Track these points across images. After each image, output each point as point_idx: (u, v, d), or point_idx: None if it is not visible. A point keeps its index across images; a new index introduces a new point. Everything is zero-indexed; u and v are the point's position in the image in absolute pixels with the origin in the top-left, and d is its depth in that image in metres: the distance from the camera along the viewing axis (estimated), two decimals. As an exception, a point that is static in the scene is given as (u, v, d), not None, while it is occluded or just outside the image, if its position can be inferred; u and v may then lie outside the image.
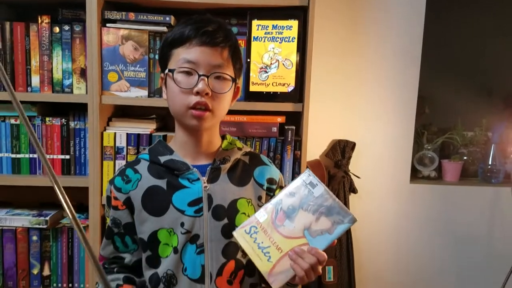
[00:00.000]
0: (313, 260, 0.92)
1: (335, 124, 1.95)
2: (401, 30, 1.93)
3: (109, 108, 1.65)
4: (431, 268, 2.06)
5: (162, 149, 1.07)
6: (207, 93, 0.96)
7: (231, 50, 1.01)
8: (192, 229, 1.00)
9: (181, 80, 0.97)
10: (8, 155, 1.61)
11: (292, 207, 0.97)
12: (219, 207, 1.02)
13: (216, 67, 0.98)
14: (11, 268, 1.62)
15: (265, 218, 0.97)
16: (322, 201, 0.96)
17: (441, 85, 2.17)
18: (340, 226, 0.95)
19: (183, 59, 0.97)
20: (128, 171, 1.06)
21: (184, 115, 0.99)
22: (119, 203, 1.04)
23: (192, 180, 1.03)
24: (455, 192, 2.03)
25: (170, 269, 1.01)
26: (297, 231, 0.96)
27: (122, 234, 1.06)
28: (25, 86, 1.58)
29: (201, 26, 0.97)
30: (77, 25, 1.56)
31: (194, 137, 1.04)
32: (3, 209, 1.67)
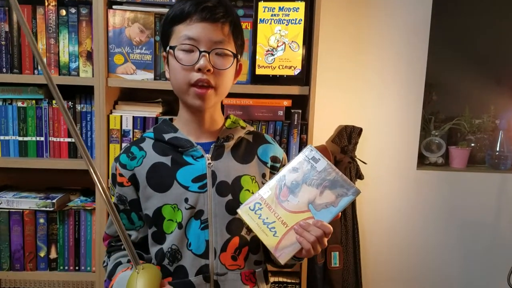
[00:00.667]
0: (319, 233, 0.92)
1: (342, 109, 1.94)
2: (409, 15, 1.91)
3: (116, 91, 1.65)
4: (437, 254, 2.05)
5: (166, 127, 1.07)
6: (209, 70, 0.96)
7: (232, 25, 1.00)
8: (196, 204, 1.01)
9: (182, 57, 0.97)
10: (15, 137, 1.62)
11: (295, 182, 0.97)
12: (223, 183, 1.03)
13: (217, 43, 0.97)
14: (18, 250, 1.63)
15: (269, 194, 0.98)
16: (325, 175, 0.97)
17: (449, 72, 2.15)
18: (344, 199, 0.95)
19: (184, 36, 0.97)
20: (133, 149, 1.07)
21: (186, 93, 0.99)
22: (125, 179, 1.05)
23: (196, 157, 1.03)
24: (463, 179, 2.02)
25: (174, 244, 1.01)
26: (301, 205, 0.96)
27: (128, 210, 1.07)
28: (32, 69, 1.58)
29: (201, 1, 0.96)
30: (84, 8, 1.56)
31: (197, 115, 1.05)
32: (10, 192, 1.68)
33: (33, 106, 1.61)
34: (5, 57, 1.57)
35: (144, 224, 1.08)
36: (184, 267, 1.01)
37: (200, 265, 1.00)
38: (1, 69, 1.58)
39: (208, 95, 0.98)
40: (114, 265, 1.05)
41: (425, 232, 2.03)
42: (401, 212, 2.02)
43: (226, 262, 1.02)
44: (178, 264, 1.01)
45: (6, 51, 1.57)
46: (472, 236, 2.04)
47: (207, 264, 1.00)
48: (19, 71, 1.58)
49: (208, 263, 1.00)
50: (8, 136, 1.62)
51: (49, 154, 1.63)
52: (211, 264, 1.00)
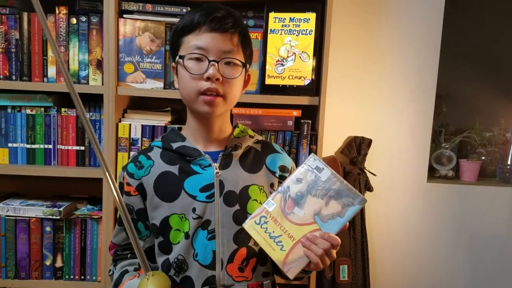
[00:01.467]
0: (326, 245, 0.91)
1: (351, 120, 1.93)
2: (420, 26, 1.90)
3: (125, 100, 1.64)
4: (447, 268, 2.02)
5: (174, 136, 1.07)
6: (218, 79, 0.96)
7: (241, 36, 1.01)
8: (204, 214, 1.00)
9: (191, 66, 0.97)
10: (23, 145, 1.61)
11: (300, 194, 0.96)
12: (230, 193, 1.02)
13: (226, 53, 0.97)
14: (24, 258, 1.62)
15: (274, 207, 0.96)
16: (330, 185, 0.95)
17: (459, 84, 2.13)
18: (351, 209, 0.94)
19: (194, 46, 0.97)
20: (140, 158, 1.06)
21: (195, 101, 0.99)
22: (132, 189, 1.04)
23: (203, 166, 1.03)
24: (473, 192, 1.99)
25: (181, 255, 1.00)
26: (307, 217, 0.95)
27: (135, 220, 1.06)
28: (41, 76, 1.58)
29: (210, 12, 0.97)
30: (94, 16, 1.56)
31: (206, 124, 1.04)
32: (17, 200, 1.68)
33: (41, 113, 1.60)
34: (15, 64, 1.57)
35: (150, 233, 1.07)
36: (190, 278, 1.00)
37: (206, 276, 0.99)
38: (10, 77, 1.58)
39: (216, 102, 0.98)
40: (120, 274, 1.05)
41: (435, 245, 2.00)
42: (411, 225, 1.99)
43: (233, 274, 1.00)
44: (184, 275, 1.00)
45: (16, 58, 1.57)
46: (482, 250, 2.01)
47: (214, 275, 0.99)
48: (28, 79, 1.58)
49: (214, 274, 0.99)
50: (16, 144, 1.62)
51: (57, 162, 1.62)
52: (217, 275, 0.99)
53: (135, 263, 1.06)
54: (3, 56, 1.57)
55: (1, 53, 1.57)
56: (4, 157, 1.62)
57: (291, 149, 1.58)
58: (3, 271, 1.62)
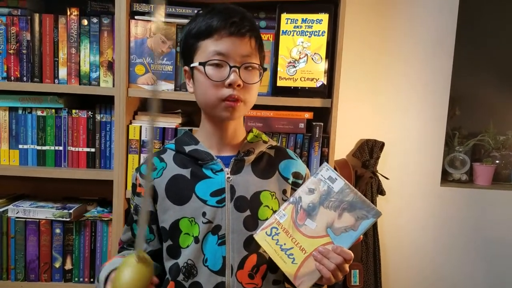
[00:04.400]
0: (339, 260, 0.89)
1: (363, 123, 1.91)
2: (434, 28, 1.88)
3: (135, 102, 1.63)
4: (460, 273, 1.99)
5: (188, 139, 1.07)
6: (239, 85, 0.95)
7: (258, 39, 1.01)
8: (214, 219, 0.99)
9: (212, 73, 0.95)
10: (33, 146, 1.61)
11: (312, 205, 0.93)
12: (241, 198, 1.00)
13: (245, 57, 0.96)
14: (34, 260, 1.61)
15: (286, 218, 0.94)
16: (343, 196, 0.92)
17: (473, 87, 2.11)
18: (365, 222, 0.91)
19: (213, 51, 0.95)
20: (154, 159, 1.05)
21: (216, 107, 0.98)
22: (143, 190, 1.03)
23: (215, 171, 1.02)
24: (487, 196, 1.96)
25: (190, 259, 0.99)
26: (319, 229, 0.92)
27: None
28: (52, 78, 1.58)
29: (228, 16, 0.96)
30: (105, 18, 1.55)
31: (220, 128, 1.04)
32: (27, 201, 1.67)
33: (52, 115, 1.60)
34: (26, 66, 1.57)
35: (154, 238, 1.06)
36: (199, 283, 0.98)
37: (216, 282, 0.98)
38: (21, 78, 1.58)
39: (238, 107, 0.97)
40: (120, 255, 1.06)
41: (449, 250, 1.97)
42: (423, 229, 1.96)
43: (243, 280, 0.99)
44: (193, 280, 0.99)
45: (27, 59, 1.57)
46: (497, 255, 1.97)
47: (224, 282, 0.98)
48: (39, 80, 1.58)
49: (224, 280, 0.98)
50: (27, 145, 1.61)
51: (67, 164, 1.61)
52: (227, 281, 0.98)
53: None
54: (14, 57, 1.57)
55: (13, 54, 1.57)
56: (14, 158, 1.62)
57: (303, 152, 1.56)
58: (13, 273, 1.61)
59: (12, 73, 1.57)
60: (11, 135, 1.61)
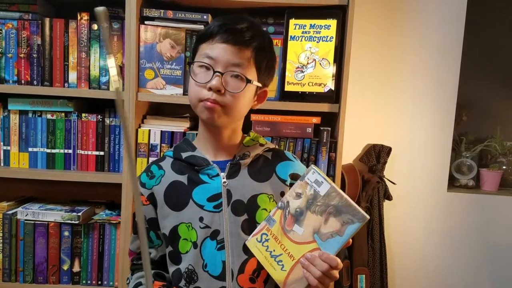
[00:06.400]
0: (325, 267, 0.87)
1: (370, 128, 1.91)
2: (441, 34, 1.88)
3: (144, 106, 1.65)
4: (467, 279, 1.98)
5: (185, 146, 1.08)
6: (219, 90, 0.95)
7: (255, 51, 0.98)
8: (212, 224, 0.99)
9: (198, 73, 0.98)
10: (43, 149, 1.62)
11: (299, 210, 0.91)
12: (238, 202, 1.01)
13: (234, 66, 0.96)
14: (42, 263, 1.62)
15: (275, 224, 0.93)
16: (329, 200, 0.89)
17: (479, 93, 2.11)
18: (351, 227, 0.87)
19: (204, 54, 0.97)
20: (152, 167, 1.08)
21: (196, 107, 0.99)
22: (144, 198, 1.05)
23: (211, 176, 1.02)
24: (494, 202, 1.95)
25: (191, 265, 0.99)
26: (306, 235, 0.90)
27: (147, 229, 1.06)
28: (62, 82, 1.59)
29: (228, 23, 0.97)
30: (116, 23, 1.57)
31: (214, 132, 1.04)
32: (36, 204, 1.69)
33: (62, 118, 1.61)
34: (36, 70, 1.59)
35: (162, 243, 1.07)
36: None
37: (217, 287, 0.98)
38: (32, 81, 1.59)
39: (215, 109, 0.96)
40: (134, 285, 1.06)
41: (456, 255, 1.97)
42: (430, 234, 1.96)
43: (244, 285, 0.99)
44: (194, 286, 0.99)
45: (38, 63, 1.59)
46: (504, 260, 1.97)
47: (224, 287, 0.98)
48: (49, 84, 1.59)
49: (225, 285, 0.98)
50: (37, 148, 1.63)
51: (76, 167, 1.63)
52: (228, 286, 0.98)
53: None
54: (25, 61, 1.59)
55: (23, 58, 1.58)
56: (24, 161, 1.63)
57: (310, 157, 1.57)
58: (21, 275, 1.62)
59: (22, 77, 1.59)
60: (21, 138, 1.62)
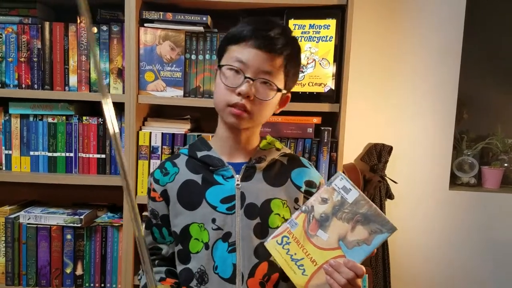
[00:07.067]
0: (350, 275, 0.86)
1: (371, 127, 1.91)
2: (441, 33, 1.89)
3: (145, 108, 1.65)
4: (469, 277, 1.98)
5: (201, 145, 1.07)
6: (249, 96, 0.94)
7: (286, 59, 0.98)
8: (224, 226, 0.99)
9: (228, 76, 0.96)
10: (44, 153, 1.62)
11: (325, 215, 0.90)
12: (251, 205, 1.00)
13: (265, 73, 0.95)
14: (45, 266, 1.62)
15: (297, 227, 0.92)
16: (358, 208, 0.88)
17: (480, 90, 2.11)
18: (379, 236, 0.86)
19: (235, 57, 0.96)
20: (167, 164, 1.08)
21: (223, 111, 0.99)
22: (157, 194, 1.05)
23: (226, 177, 1.02)
24: (496, 200, 1.96)
25: (202, 265, 0.99)
26: (331, 241, 0.89)
27: (160, 225, 1.07)
28: (63, 85, 1.59)
29: (262, 28, 0.95)
30: (115, 26, 1.57)
31: (233, 133, 1.04)
32: (38, 207, 1.69)
33: (63, 122, 1.62)
34: (37, 73, 1.59)
35: (174, 240, 1.07)
36: None
37: None
38: (32, 85, 1.59)
39: (242, 117, 0.96)
40: (145, 283, 1.05)
41: (458, 253, 1.97)
42: (432, 233, 1.96)
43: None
44: (205, 287, 0.99)
45: (38, 67, 1.59)
46: (507, 258, 1.97)
47: None
48: (50, 88, 1.59)
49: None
50: (38, 152, 1.63)
51: (78, 170, 1.63)
52: None
53: (161, 272, 1.07)
54: (25, 65, 1.59)
55: (24, 62, 1.59)
56: (26, 165, 1.63)
57: (311, 157, 1.57)
58: (24, 279, 1.62)
59: (23, 81, 1.59)
60: (22, 142, 1.62)
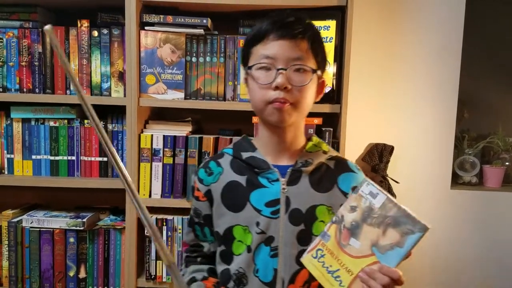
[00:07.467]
0: (385, 280, 0.83)
1: (372, 127, 1.91)
2: (441, 31, 1.88)
3: (146, 111, 1.65)
4: (472, 275, 1.98)
5: (245, 145, 1.05)
6: (286, 87, 0.92)
7: (310, 41, 0.96)
8: (267, 230, 0.97)
9: (259, 76, 0.95)
10: (47, 157, 1.63)
11: (355, 223, 0.88)
12: (296, 211, 0.98)
13: (295, 60, 0.94)
14: (48, 270, 1.63)
15: (330, 239, 0.90)
16: (386, 211, 0.85)
17: (480, 90, 2.11)
18: (411, 237, 0.83)
19: (262, 55, 0.94)
20: (211, 164, 1.06)
21: (264, 111, 0.96)
22: (201, 194, 1.05)
23: (271, 180, 1.00)
24: (497, 198, 1.95)
25: (242, 267, 0.98)
26: (364, 248, 0.87)
27: (202, 224, 1.06)
28: (64, 89, 1.60)
29: (278, 19, 0.95)
30: (116, 29, 1.57)
31: (277, 134, 1.01)
32: (41, 211, 1.69)
33: (65, 125, 1.62)
34: (38, 78, 1.60)
35: (215, 239, 1.06)
36: None
37: None
38: (34, 89, 1.60)
39: (285, 109, 0.94)
40: (189, 280, 1.05)
41: (460, 252, 1.97)
42: (434, 232, 1.95)
43: None
44: None
45: (39, 71, 1.59)
46: (508, 256, 1.97)
47: None
48: (51, 91, 1.60)
49: None
50: (40, 155, 1.63)
51: (80, 173, 1.63)
52: None
53: (203, 270, 1.06)
54: (26, 70, 1.59)
55: (25, 66, 1.59)
56: (28, 169, 1.64)
57: (313, 158, 1.57)
58: (28, 282, 1.63)
59: (24, 85, 1.60)
60: (24, 146, 1.63)
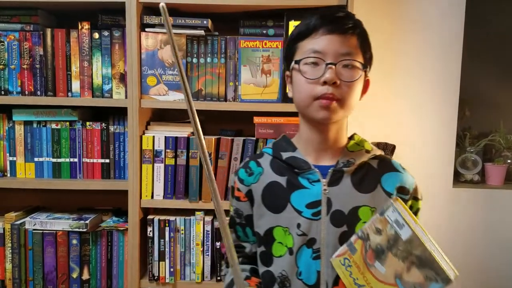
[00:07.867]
0: None
1: (373, 126, 1.91)
2: (442, 29, 1.88)
3: (148, 112, 1.66)
4: (474, 273, 1.98)
5: (285, 144, 1.03)
6: (335, 82, 0.90)
7: (360, 37, 0.95)
8: (309, 232, 0.95)
9: (307, 70, 0.92)
10: (49, 159, 1.63)
11: (380, 247, 0.86)
12: (338, 212, 0.95)
13: (344, 55, 0.92)
14: (51, 271, 1.63)
15: (356, 252, 0.89)
16: (412, 248, 0.82)
17: (482, 87, 2.10)
18: (434, 285, 0.80)
19: (310, 50, 0.92)
20: (251, 164, 1.05)
21: (310, 106, 0.94)
22: (242, 194, 1.03)
23: (312, 181, 0.97)
24: (500, 196, 1.95)
25: (284, 270, 0.97)
26: (389, 276, 0.85)
27: (243, 224, 1.05)
28: (66, 91, 1.60)
29: (328, 14, 0.93)
30: (116, 31, 1.58)
31: (320, 132, 0.99)
32: (44, 213, 1.70)
33: (67, 127, 1.62)
34: (40, 80, 1.60)
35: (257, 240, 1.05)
36: None
37: None
38: (35, 92, 1.60)
39: (332, 107, 0.91)
40: (231, 281, 1.03)
41: (463, 250, 1.97)
42: (437, 230, 1.94)
43: None
44: None
45: (41, 74, 1.60)
46: (510, 254, 1.96)
47: None
48: (53, 94, 1.60)
49: None
50: (42, 158, 1.64)
51: (82, 175, 1.64)
52: None
53: (246, 269, 1.05)
54: (28, 72, 1.60)
55: (26, 69, 1.60)
56: (30, 171, 1.64)
57: (315, 157, 1.57)
58: (31, 284, 1.63)
59: (26, 88, 1.60)
60: (26, 148, 1.63)
